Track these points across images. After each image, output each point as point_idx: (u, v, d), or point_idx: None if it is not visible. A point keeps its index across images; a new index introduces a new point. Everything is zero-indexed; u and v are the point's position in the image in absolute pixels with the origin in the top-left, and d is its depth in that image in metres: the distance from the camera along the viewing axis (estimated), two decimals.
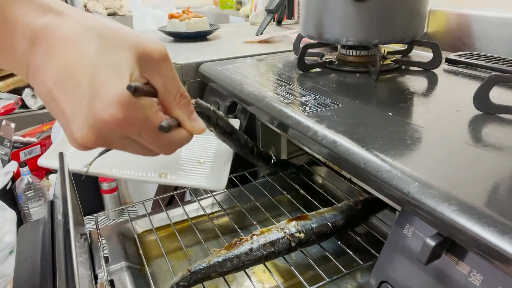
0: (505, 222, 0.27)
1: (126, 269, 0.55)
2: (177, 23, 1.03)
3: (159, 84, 0.30)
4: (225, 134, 0.54)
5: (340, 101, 0.53)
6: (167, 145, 0.31)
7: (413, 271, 0.35)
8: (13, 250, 1.34)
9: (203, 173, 0.62)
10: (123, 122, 0.27)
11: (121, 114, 0.26)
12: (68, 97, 0.27)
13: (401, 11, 0.63)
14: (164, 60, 0.30)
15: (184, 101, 0.32)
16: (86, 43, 0.27)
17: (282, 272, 0.58)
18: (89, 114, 0.27)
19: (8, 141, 1.59)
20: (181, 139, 0.32)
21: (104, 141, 0.28)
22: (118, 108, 0.26)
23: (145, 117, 0.28)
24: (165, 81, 0.30)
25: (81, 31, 0.27)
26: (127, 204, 0.80)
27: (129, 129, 0.28)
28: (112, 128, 0.27)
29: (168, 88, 0.30)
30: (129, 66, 0.28)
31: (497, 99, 0.47)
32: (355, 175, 0.40)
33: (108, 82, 0.26)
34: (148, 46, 0.29)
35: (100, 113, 0.26)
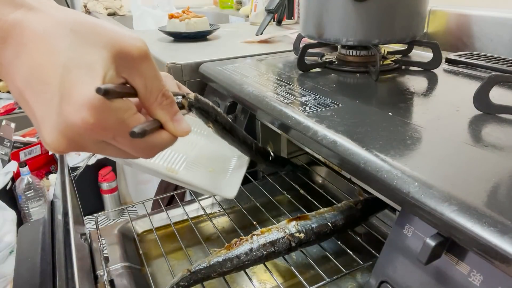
0: (505, 222, 0.27)
1: (126, 269, 0.55)
2: (177, 23, 1.03)
3: (139, 84, 0.28)
4: (224, 131, 0.53)
5: (340, 101, 0.53)
6: (146, 149, 0.30)
7: (413, 271, 0.35)
8: (13, 250, 1.34)
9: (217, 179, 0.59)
10: (95, 126, 0.25)
11: (92, 119, 0.25)
12: (38, 99, 0.25)
13: (401, 11, 0.63)
14: (144, 58, 0.28)
15: (167, 101, 0.30)
16: (57, 40, 0.25)
17: (282, 272, 0.58)
18: (59, 118, 0.25)
19: (8, 141, 1.59)
20: (161, 142, 0.30)
21: (77, 146, 0.27)
22: (89, 112, 0.24)
23: (119, 120, 0.26)
24: (146, 80, 0.28)
25: (53, 28, 0.25)
26: (127, 204, 0.80)
27: (103, 133, 0.26)
28: (84, 132, 0.25)
29: (149, 88, 0.28)
30: (103, 65, 0.25)
31: (497, 99, 0.47)
32: (355, 175, 0.40)
33: (79, 83, 0.24)
34: (125, 43, 0.27)
35: (70, 117, 0.24)
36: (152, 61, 0.29)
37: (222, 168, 0.62)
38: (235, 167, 0.63)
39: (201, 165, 0.60)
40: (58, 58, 0.25)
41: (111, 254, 0.58)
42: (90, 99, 0.24)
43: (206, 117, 0.51)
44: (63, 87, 0.24)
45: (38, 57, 0.25)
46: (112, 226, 0.65)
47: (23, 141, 1.65)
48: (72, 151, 0.27)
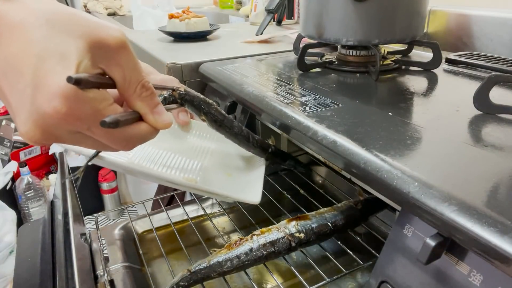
0: (505, 222, 0.27)
1: (126, 269, 0.56)
2: (177, 23, 1.03)
3: (117, 75, 0.27)
4: (217, 122, 0.52)
5: (340, 101, 0.53)
6: (124, 141, 0.29)
7: (413, 271, 0.35)
8: (13, 250, 1.34)
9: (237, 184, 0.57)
10: (67, 116, 0.25)
11: (64, 108, 0.24)
12: (12, 89, 0.25)
13: (401, 11, 0.63)
14: (122, 48, 0.27)
15: (147, 93, 0.29)
16: (32, 30, 0.25)
17: (282, 272, 0.58)
18: (32, 107, 0.25)
19: (8, 141, 1.59)
20: (140, 134, 0.29)
21: (52, 136, 0.26)
22: (61, 101, 0.24)
23: (94, 110, 0.26)
24: (124, 71, 0.27)
25: (29, 18, 0.25)
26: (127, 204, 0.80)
27: (76, 123, 0.26)
28: (57, 122, 0.25)
29: (127, 79, 0.28)
30: (78, 54, 0.25)
31: (497, 99, 0.47)
32: (355, 175, 0.40)
33: (52, 72, 0.24)
34: (102, 33, 0.26)
35: (42, 107, 0.24)
36: (131, 51, 0.28)
37: (239, 171, 0.60)
38: (253, 168, 0.61)
39: (218, 171, 0.58)
40: (33, 48, 0.25)
41: (111, 254, 0.58)
42: (62, 88, 0.24)
43: (197, 109, 0.50)
44: (36, 77, 0.24)
45: (13, 47, 0.25)
46: (112, 226, 0.65)
47: (23, 141, 1.65)
48: (48, 142, 0.27)
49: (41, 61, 0.24)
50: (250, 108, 0.60)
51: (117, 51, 0.27)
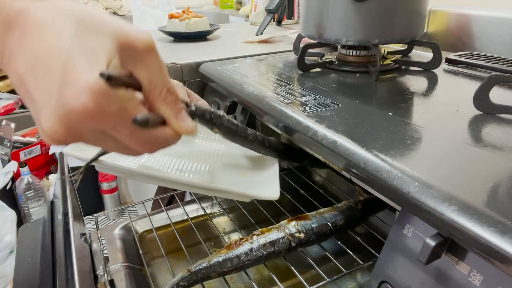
0: (505, 222, 0.27)
1: (126, 269, 0.56)
2: (177, 23, 1.03)
3: (143, 77, 0.27)
4: (231, 133, 0.52)
5: (340, 101, 0.53)
6: (148, 143, 0.29)
7: (413, 271, 0.35)
8: (13, 250, 1.34)
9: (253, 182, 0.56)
10: (95, 112, 0.24)
11: (92, 104, 0.24)
12: (38, 84, 0.25)
13: (401, 11, 0.63)
14: (150, 51, 0.27)
15: (171, 97, 0.29)
16: (63, 27, 0.25)
17: (282, 272, 0.58)
18: (58, 102, 0.24)
19: (8, 141, 1.59)
20: (165, 137, 0.29)
21: (75, 134, 0.26)
22: (90, 96, 0.24)
23: (121, 109, 0.25)
24: (150, 74, 0.28)
25: (59, 16, 0.25)
26: (127, 204, 0.80)
27: (103, 121, 0.25)
28: (83, 119, 0.24)
29: (153, 82, 0.28)
30: (108, 53, 0.25)
31: (497, 99, 0.47)
32: (355, 175, 0.40)
33: (81, 68, 0.24)
34: (131, 35, 0.26)
35: (69, 102, 0.24)
36: (158, 55, 0.28)
37: (253, 170, 0.59)
38: (266, 166, 0.60)
39: (230, 171, 0.57)
40: (62, 44, 0.24)
41: (111, 254, 0.58)
42: (92, 84, 0.24)
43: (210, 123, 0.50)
44: (65, 72, 0.24)
45: (42, 43, 0.25)
46: (112, 226, 0.65)
47: (23, 141, 1.65)
48: (69, 141, 0.26)
49: (71, 56, 0.24)
50: (250, 108, 0.60)
51: (145, 54, 0.27)
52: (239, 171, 0.58)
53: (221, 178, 0.55)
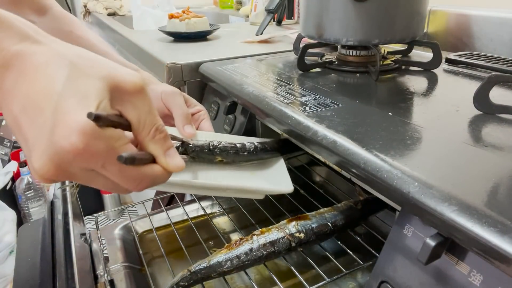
0: (505, 222, 0.27)
1: (126, 269, 0.56)
2: (177, 23, 1.03)
3: (132, 117, 0.29)
4: (233, 155, 0.52)
5: (340, 101, 0.53)
6: (136, 180, 0.29)
7: (413, 271, 0.35)
8: (13, 250, 1.34)
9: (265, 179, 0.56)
10: (84, 152, 0.25)
11: (81, 144, 0.25)
12: (31, 125, 0.26)
13: (401, 11, 0.63)
14: (139, 92, 0.29)
15: (160, 136, 0.30)
16: (56, 70, 0.26)
17: (282, 272, 0.58)
18: (49, 142, 0.25)
19: (8, 141, 1.59)
20: (153, 175, 0.30)
21: (65, 173, 0.27)
22: (79, 136, 0.25)
23: (109, 148, 0.26)
24: (139, 114, 0.29)
25: (54, 59, 0.27)
26: (127, 204, 0.80)
27: (92, 160, 0.26)
28: (72, 158, 0.25)
29: (142, 121, 0.29)
30: (98, 95, 0.26)
31: (497, 99, 0.47)
32: (355, 175, 0.40)
33: (72, 110, 0.25)
34: (121, 77, 0.28)
35: (59, 142, 0.25)
36: (147, 96, 0.29)
37: (260, 168, 0.59)
38: (272, 162, 0.60)
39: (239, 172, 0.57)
40: (55, 87, 0.26)
41: (111, 254, 0.58)
42: (81, 124, 0.25)
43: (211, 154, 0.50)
44: (56, 113, 0.25)
45: (36, 85, 0.26)
46: (112, 226, 0.65)
47: None
48: (59, 179, 0.27)
49: (62, 99, 0.25)
50: (250, 108, 0.60)
51: (134, 95, 0.28)
52: (247, 171, 0.57)
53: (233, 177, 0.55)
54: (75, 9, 2.15)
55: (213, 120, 0.76)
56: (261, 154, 0.57)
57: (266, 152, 0.57)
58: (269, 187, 0.53)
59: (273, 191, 0.54)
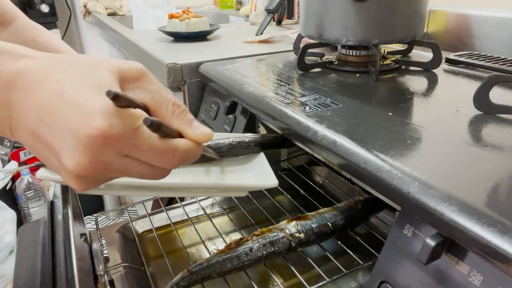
0: (505, 222, 0.27)
1: (126, 269, 0.56)
2: (177, 23, 1.03)
3: (147, 99, 0.29)
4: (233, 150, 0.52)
5: (340, 101, 0.53)
6: (169, 154, 0.28)
7: (413, 271, 0.35)
8: (13, 250, 1.34)
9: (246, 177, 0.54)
10: (110, 134, 0.25)
11: (106, 126, 0.25)
12: (52, 130, 0.26)
13: (401, 11, 0.63)
14: (143, 75, 0.29)
15: (179, 110, 0.30)
16: (60, 74, 0.26)
17: (282, 272, 0.58)
18: (75, 137, 0.25)
19: (8, 141, 1.59)
20: (184, 147, 0.29)
21: (101, 165, 0.26)
22: (102, 119, 0.25)
23: (134, 127, 0.26)
24: (152, 95, 0.29)
25: (54, 67, 0.27)
26: (127, 204, 0.80)
27: (121, 141, 0.26)
28: (102, 144, 0.25)
29: (157, 101, 0.29)
30: (109, 83, 0.26)
31: (497, 99, 0.47)
32: (355, 175, 0.40)
33: (87, 99, 0.25)
34: (125, 65, 0.28)
35: (85, 131, 0.24)
36: (153, 77, 0.30)
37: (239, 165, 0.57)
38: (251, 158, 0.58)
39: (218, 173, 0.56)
40: (64, 87, 0.26)
41: (111, 254, 0.58)
42: (100, 107, 0.25)
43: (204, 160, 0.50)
44: (73, 109, 0.25)
45: (45, 94, 0.26)
46: (112, 226, 0.65)
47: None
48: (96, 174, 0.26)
49: (75, 94, 0.25)
50: (250, 108, 0.60)
51: (140, 78, 0.29)
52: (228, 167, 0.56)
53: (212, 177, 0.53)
54: (75, 9, 2.15)
55: (213, 120, 0.76)
56: (238, 150, 0.55)
57: (244, 148, 0.56)
58: (250, 183, 0.51)
59: (255, 187, 0.52)
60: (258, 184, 0.51)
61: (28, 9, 1.97)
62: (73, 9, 2.20)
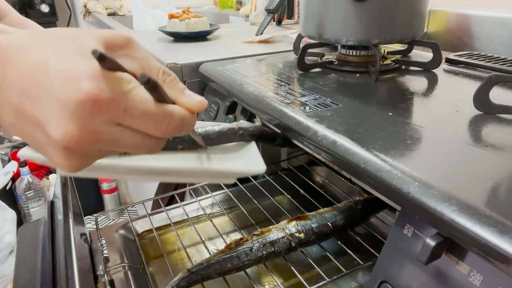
0: (505, 222, 0.27)
1: (126, 269, 0.55)
2: (177, 23, 1.03)
3: (135, 67, 0.27)
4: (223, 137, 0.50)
5: (340, 101, 0.53)
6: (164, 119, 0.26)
7: (413, 271, 0.35)
8: (13, 250, 1.34)
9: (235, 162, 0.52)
10: (99, 98, 0.23)
11: (94, 89, 0.23)
12: (36, 102, 0.24)
13: (401, 11, 0.63)
14: (130, 42, 0.27)
15: (170, 78, 0.28)
16: (42, 43, 0.25)
17: (282, 272, 0.58)
18: (61, 104, 0.23)
19: (8, 141, 1.59)
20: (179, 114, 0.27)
21: (90, 134, 0.24)
22: (89, 82, 0.23)
23: (124, 91, 0.24)
24: (140, 63, 0.28)
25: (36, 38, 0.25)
26: (127, 204, 0.80)
27: (111, 107, 0.24)
28: (90, 109, 0.23)
29: (146, 69, 0.28)
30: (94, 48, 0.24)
31: (497, 99, 0.47)
32: (355, 175, 0.40)
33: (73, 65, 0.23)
34: (110, 33, 0.27)
35: (72, 97, 0.23)
36: (139, 45, 0.28)
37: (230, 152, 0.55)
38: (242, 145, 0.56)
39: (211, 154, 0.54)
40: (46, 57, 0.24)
41: (111, 254, 0.58)
42: (87, 70, 0.23)
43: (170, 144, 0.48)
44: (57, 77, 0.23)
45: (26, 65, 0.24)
46: (112, 226, 0.65)
47: (23, 141, 1.65)
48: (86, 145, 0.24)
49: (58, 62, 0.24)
50: (250, 108, 0.60)
51: (127, 46, 0.27)
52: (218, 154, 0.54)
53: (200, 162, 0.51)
54: (75, 9, 2.15)
55: (213, 120, 0.76)
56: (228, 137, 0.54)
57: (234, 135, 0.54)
58: (238, 168, 0.49)
59: (243, 172, 0.50)
60: (245, 169, 0.49)
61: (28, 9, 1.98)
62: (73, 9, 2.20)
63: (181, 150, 0.50)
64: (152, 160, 0.48)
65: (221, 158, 0.53)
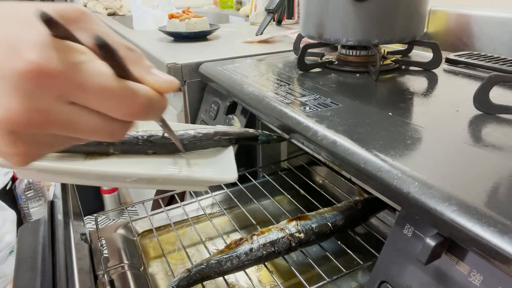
0: (505, 222, 0.27)
1: (126, 269, 0.56)
2: (177, 23, 1.03)
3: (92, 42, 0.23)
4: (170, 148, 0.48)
5: (340, 101, 0.53)
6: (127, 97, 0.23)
7: (413, 271, 0.35)
8: (13, 250, 1.34)
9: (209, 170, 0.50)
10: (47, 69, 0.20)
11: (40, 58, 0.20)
12: None
13: (401, 11, 0.63)
14: (85, 14, 0.24)
15: (135, 54, 0.25)
16: None
17: (282, 272, 0.58)
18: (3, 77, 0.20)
19: None
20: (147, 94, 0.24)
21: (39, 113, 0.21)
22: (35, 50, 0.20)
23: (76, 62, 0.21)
24: None
25: None
26: (127, 204, 0.80)
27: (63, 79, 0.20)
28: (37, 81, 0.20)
29: None
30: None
31: (497, 99, 0.47)
32: (355, 175, 0.40)
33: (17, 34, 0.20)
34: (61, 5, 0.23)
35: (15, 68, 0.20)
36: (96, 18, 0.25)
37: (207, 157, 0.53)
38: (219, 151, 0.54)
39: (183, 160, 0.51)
40: None
41: (111, 254, 0.58)
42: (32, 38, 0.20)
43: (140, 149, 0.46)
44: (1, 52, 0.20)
45: None
46: (112, 226, 0.65)
47: None
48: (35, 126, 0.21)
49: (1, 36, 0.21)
50: (250, 108, 0.60)
51: (83, 20, 0.24)
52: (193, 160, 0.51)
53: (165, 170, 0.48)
54: None
55: (213, 120, 0.76)
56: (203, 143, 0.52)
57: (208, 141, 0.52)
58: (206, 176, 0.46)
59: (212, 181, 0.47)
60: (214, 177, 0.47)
61: None
62: None
63: (152, 154, 0.48)
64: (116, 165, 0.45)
65: (193, 164, 0.50)
